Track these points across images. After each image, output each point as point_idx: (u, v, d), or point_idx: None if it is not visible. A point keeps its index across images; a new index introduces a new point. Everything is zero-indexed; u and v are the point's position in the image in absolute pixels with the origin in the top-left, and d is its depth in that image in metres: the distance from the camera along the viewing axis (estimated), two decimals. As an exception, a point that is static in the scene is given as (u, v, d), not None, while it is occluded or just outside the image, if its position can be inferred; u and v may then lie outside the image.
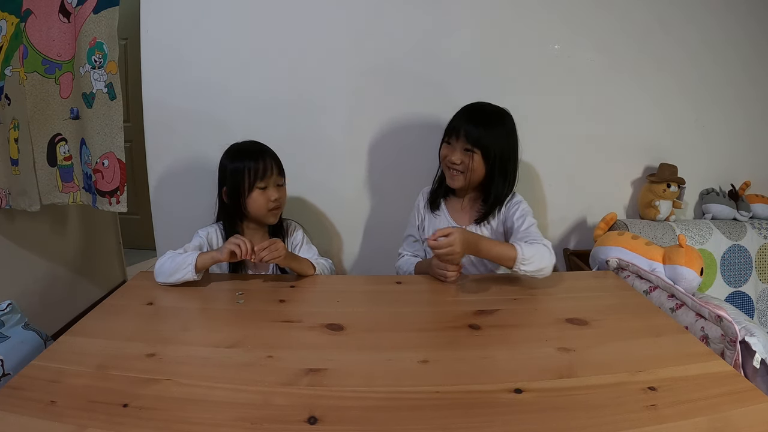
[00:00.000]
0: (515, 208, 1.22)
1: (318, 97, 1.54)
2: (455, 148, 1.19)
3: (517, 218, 1.20)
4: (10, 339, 0.94)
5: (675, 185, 1.57)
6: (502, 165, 1.18)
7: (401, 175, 1.58)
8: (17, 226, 1.71)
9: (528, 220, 1.19)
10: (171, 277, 1.08)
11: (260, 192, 1.18)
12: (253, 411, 0.66)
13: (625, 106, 1.59)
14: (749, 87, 1.62)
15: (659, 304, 1.07)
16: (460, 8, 1.48)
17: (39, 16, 1.38)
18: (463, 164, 1.18)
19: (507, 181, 1.21)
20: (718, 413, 0.64)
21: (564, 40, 1.52)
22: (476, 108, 1.21)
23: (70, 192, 1.53)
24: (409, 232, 1.38)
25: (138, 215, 2.87)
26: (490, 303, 1.01)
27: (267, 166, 1.17)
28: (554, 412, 0.66)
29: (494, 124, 1.18)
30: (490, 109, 1.21)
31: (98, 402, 0.67)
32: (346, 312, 0.98)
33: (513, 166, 1.22)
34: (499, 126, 1.18)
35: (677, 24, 1.54)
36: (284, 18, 1.48)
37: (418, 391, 0.70)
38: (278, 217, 1.25)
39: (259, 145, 1.23)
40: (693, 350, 0.82)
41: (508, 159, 1.20)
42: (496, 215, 1.25)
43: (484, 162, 1.17)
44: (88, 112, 1.40)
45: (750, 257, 1.53)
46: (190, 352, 0.83)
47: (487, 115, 1.19)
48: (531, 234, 1.15)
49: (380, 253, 1.65)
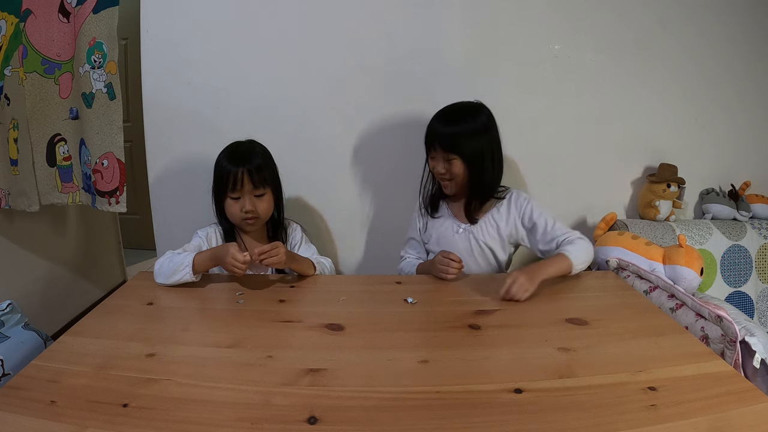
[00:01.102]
0: (529, 207, 1.23)
1: (318, 98, 1.54)
2: (437, 158, 1.20)
3: (537, 216, 1.22)
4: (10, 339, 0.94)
5: (675, 185, 1.57)
6: (479, 161, 1.17)
7: (400, 176, 1.57)
8: (17, 226, 1.71)
9: (549, 217, 1.21)
10: (170, 279, 1.08)
11: (233, 201, 1.16)
12: (253, 411, 0.66)
13: (625, 106, 1.59)
14: (750, 87, 1.62)
15: (659, 304, 1.07)
16: (460, 8, 1.48)
17: (39, 15, 1.38)
18: (448, 173, 1.19)
19: (487, 175, 1.20)
20: (718, 413, 0.64)
21: (564, 40, 1.52)
22: (446, 111, 1.21)
23: (70, 192, 1.53)
24: (411, 235, 1.38)
25: (138, 215, 2.87)
26: (490, 303, 1.01)
27: (240, 177, 1.13)
28: (554, 412, 0.66)
29: (464, 122, 1.17)
30: (459, 108, 1.20)
31: (98, 402, 0.67)
32: (346, 312, 0.98)
33: (494, 158, 1.20)
34: (470, 123, 1.17)
35: (677, 24, 1.54)
36: (284, 18, 1.48)
37: (418, 391, 0.70)
38: (257, 226, 1.22)
39: (248, 152, 1.18)
40: (693, 350, 0.82)
41: (489, 152, 1.18)
42: (501, 211, 1.25)
43: (465, 163, 1.17)
44: (88, 112, 1.40)
45: (750, 257, 1.53)
46: (190, 352, 0.83)
47: (456, 114, 1.19)
48: (560, 230, 1.19)
49: (380, 255, 1.66)
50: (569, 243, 1.14)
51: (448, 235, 1.29)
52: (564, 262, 1.09)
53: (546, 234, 1.20)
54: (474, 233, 1.26)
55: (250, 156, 1.17)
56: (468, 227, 1.27)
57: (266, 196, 1.19)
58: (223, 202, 1.18)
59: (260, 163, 1.17)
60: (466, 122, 1.17)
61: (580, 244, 1.13)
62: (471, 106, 1.20)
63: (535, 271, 1.06)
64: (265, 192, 1.19)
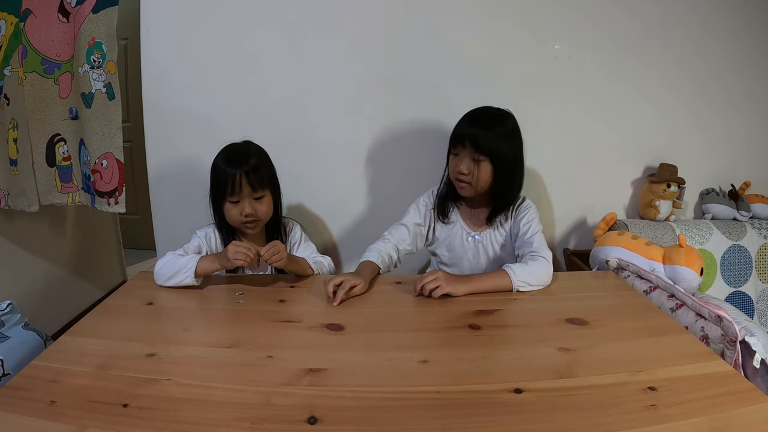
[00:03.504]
0: (524, 214, 1.22)
1: (317, 98, 1.54)
2: (462, 157, 1.17)
3: (524, 224, 1.20)
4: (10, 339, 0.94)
5: (675, 185, 1.57)
6: (509, 168, 1.17)
7: (401, 177, 1.57)
8: (17, 226, 1.71)
9: (533, 228, 1.19)
10: (170, 281, 1.07)
11: (232, 205, 1.15)
12: (253, 411, 0.66)
13: (625, 106, 1.59)
14: (750, 87, 1.62)
15: (659, 304, 1.07)
16: (460, 8, 1.48)
17: (38, 15, 1.38)
18: (470, 174, 1.16)
19: (514, 183, 1.21)
20: (718, 413, 0.64)
21: (564, 40, 1.52)
22: (478, 113, 1.19)
23: (69, 192, 1.53)
24: (404, 222, 1.29)
25: (138, 215, 2.87)
26: (490, 303, 1.01)
27: (239, 181, 1.12)
28: (554, 412, 0.66)
29: (498, 126, 1.16)
30: (492, 113, 1.19)
31: (98, 402, 0.67)
32: (346, 312, 0.98)
33: (520, 168, 1.21)
34: (502, 128, 1.16)
35: (677, 24, 1.54)
36: (284, 19, 1.48)
37: (418, 391, 0.70)
38: (257, 229, 1.21)
39: (244, 154, 1.16)
40: (693, 350, 0.82)
41: (515, 160, 1.18)
42: (509, 218, 1.24)
43: (492, 168, 1.15)
44: (87, 113, 1.40)
45: (750, 257, 1.53)
46: (190, 352, 0.83)
47: (489, 118, 1.17)
48: (532, 244, 1.16)
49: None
50: (527, 260, 1.12)
51: (457, 242, 1.28)
52: (503, 279, 1.07)
53: (522, 243, 1.19)
54: (483, 241, 1.26)
55: (247, 158, 1.15)
56: (477, 235, 1.26)
57: (265, 198, 1.18)
58: (221, 205, 1.17)
59: (257, 164, 1.15)
60: (501, 126, 1.16)
61: (533, 265, 1.09)
62: (501, 112, 1.20)
63: (463, 278, 1.06)
64: (264, 194, 1.17)
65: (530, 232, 1.19)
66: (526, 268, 1.08)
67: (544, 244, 1.17)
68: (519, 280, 1.06)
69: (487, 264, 1.27)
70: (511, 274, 1.06)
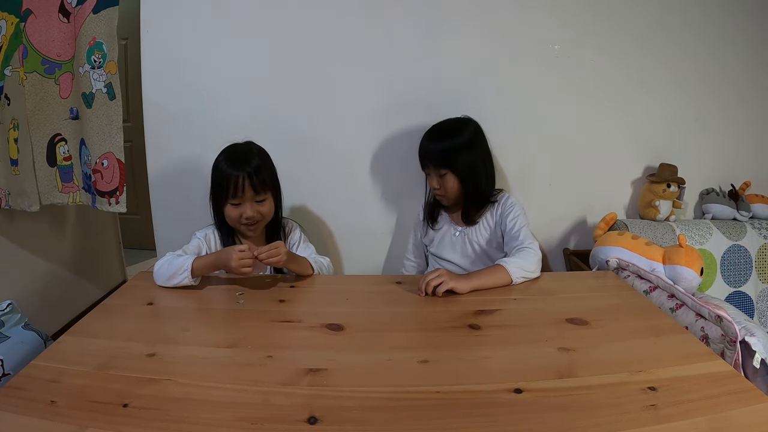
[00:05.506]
0: (509, 211, 1.29)
1: (318, 99, 1.53)
2: (431, 175, 1.29)
3: (510, 220, 1.27)
4: (10, 339, 0.94)
5: (675, 185, 1.57)
6: (472, 173, 1.26)
7: (401, 177, 1.57)
8: (17, 226, 1.71)
9: (519, 222, 1.26)
10: (169, 281, 1.07)
11: (233, 207, 1.15)
12: (253, 411, 0.66)
13: (625, 106, 1.59)
14: (750, 86, 1.62)
15: (659, 304, 1.07)
16: (460, 9, 1.48)
17: (39, 15, 1.38)
18: (442, 188, 1.28)
19: (482, 183, 1.30)
20: (718, 413, 0.64)
21: (564, 40, 1.52)
22: (434, 130, 1.31)
23: (70, 192, 1.53)
24: (412, 241, 1.50)
25: (138, 215, 2.87)
26: (490, 303, 1.01)
27: (241, 183, 1.11)
28: (554, 412, 0.66)
29: (455, 138, 1.26)
30: (447, 126, 1.30)
31: (98, 402, 0.67)
32: (346, 312, 0.98)
33: (487, 166, 1.31)
34: (459, 138, 1.26)
35: (677, 24, 1.54)
36: (285, 19, 1.48)
37: (418, 391, 0.70)
38: (258, 230, 1.21)
39: (246, 155, 1.16)
40: (693, 350, 0.82)
41: (480, 163, 1.28)
42: (494, 214, 1.32)
43: (456, 177, 1.26)
44: (88, 112, 1.40)
45: (750, 257, 1.53)
46: (190, 352, 0.83)
47: (445, 132, 1.28)
48: (519, 237, 1.22)
49: (381, 256, 1.66)
50: (515, 252, 1.16)
51: (446, 239, 1.38)
52: (501, 272, 1.10)
53: (510, 238, 1.25)
54: (469, 236, 1.34)
55: (249, 159, 1.15)
56: (464, 230, 1.35)
57: (267, 201, 1.18)
58: (222, 206, 1.17)
59: (260, 166, 1.15)
60: (454, 138, 1.26)
61: (523, 255, 1.14)
62: (458, 122, 1.30)
63: (466, 276, 1.08)
64: (266, 197, 1.18)
65: (516, 227, 1.25)
66: (517, 260, 1.14)
67: (529, 235, 1.23)
68: (513, 268, 1.10)
69: (475, 257, 1.34)
70: (506, 266, 1.10)
